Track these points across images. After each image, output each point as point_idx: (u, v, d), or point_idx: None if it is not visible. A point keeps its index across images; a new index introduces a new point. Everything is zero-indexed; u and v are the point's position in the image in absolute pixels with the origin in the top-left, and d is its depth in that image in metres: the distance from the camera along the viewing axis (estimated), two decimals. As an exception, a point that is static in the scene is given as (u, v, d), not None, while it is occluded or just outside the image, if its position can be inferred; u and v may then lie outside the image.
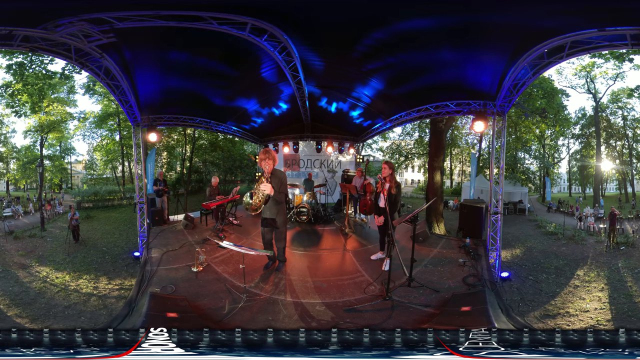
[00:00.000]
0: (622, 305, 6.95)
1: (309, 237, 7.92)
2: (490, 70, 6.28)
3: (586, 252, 10.97)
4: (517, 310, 6.19)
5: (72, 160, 24.21)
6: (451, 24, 5.12)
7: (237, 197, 8.46)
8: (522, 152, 22.45)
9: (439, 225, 13.73)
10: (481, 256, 6.66)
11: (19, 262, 9.36)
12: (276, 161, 5.18)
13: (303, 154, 14.09)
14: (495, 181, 7.50)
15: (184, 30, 5.10)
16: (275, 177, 5.06)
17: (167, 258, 6.35)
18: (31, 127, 20.36)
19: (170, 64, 6.59)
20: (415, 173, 30.18)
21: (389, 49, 6.07)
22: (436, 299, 4.77)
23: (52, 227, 13.95)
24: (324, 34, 5.68)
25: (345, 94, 8.98)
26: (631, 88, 20.19)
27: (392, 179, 5.46)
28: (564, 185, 28.78)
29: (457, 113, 8.03)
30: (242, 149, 25.29)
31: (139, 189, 8.41)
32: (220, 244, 4.85)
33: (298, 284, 5.13)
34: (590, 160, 23.42)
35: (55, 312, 6.49)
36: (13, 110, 18.90)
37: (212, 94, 8.55)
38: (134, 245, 9.21)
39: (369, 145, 26.88)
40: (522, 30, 5.02)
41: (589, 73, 20.54)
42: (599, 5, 4.39)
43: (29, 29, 4.84)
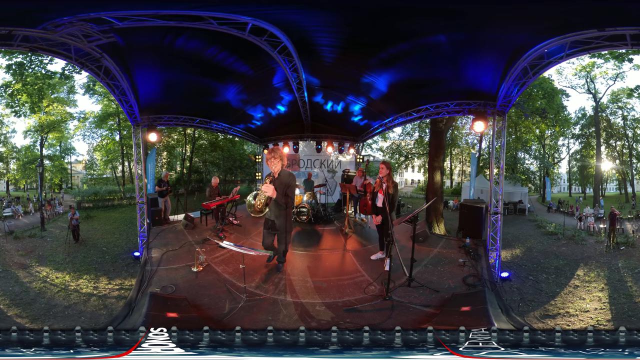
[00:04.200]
0: (622, 305, 6.95)
1: (309, 237, 7.91)
2: (490, 70, 6.28)
3: (586, 252, 10.98)
4: (517, 310, 6.19)
5: (72, 160, 24.26)
6: (450, 22, 5.12)
7: (237, 197, 8.45)
8: (522, 152, 22.47)
9: (439, 225, 13.74)
10: (481, 256, 6.66)
11: (19, 262, 9.36)
12: (284, 161, 4.92)
13: (303, 154, 14.08)
14: (495, 181, 7.50)
15: (185, 29, 5.11)
16: (281, 179, 4.85)
17: (167, 258, 6.35)
18: (31, 127, 20.38)
19: (170, 63, 6.59)
20: (415, 173, 30.21)
21: (388, 47, 6.05)
22: (436, 299, 4.77)
23: (52, 227, 13.96)
24: (323, 33, 5.67)
25: (345, 93, 8.97)
26: (631, 88, 20.21)
27: (389, 179, 5.47)
28: (564, 185, 28.79)
29: (457, 113, 8.03)
30: (242, 149, 25.31)
31: (139, 189, 8.42)
32: (220, 244, 4.85)
33: (298, 284, 5.13)
34: (590, 160, 23.43)
35: (55, 312, 6.49)
36: (13, 110, 18.92)
37: (213, 93, 8.54)
38: (134, 245, 9.21)
39: (369, 145, 26.95)
40: (522, 30, 5.03)
41: (589, 73, 20.55)
42: (599, 5, 4.39)
43: (29, 29, 4.84)
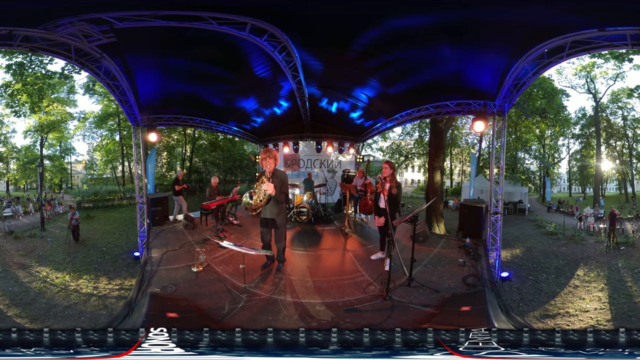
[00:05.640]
0: (622, 305, 6.95)
1: (309, 237, 7.91)
2: (490, 70, 6.28)
3: (586, 252, 10.98)
4: (517, 310, 6.19)
5: (72, 160, 24.28)
6: (450, 22, 5.09)
7: (237, 197, 8.46)
8: (522, 152, 22.47)
9: (439, 225, 13.73)
10: (481, 256, 6.66)
11: (19, 262, 9.36)
12: (277, 160, 5.19)
13: (303, 154, 14.08)
14: (495, 181, 7.50)
15: (184, 30, 5.11)
16: (276, 177, 5.06)
17: (167, 258, 6.34)
18: (31, 127, 20.39)
19: (170, 63, 6.59)
20: (415, 173, 30.23)
21: (388, 47, 6.05)
22: (436, 299, 4.77)
23: (52, 227, 13.96)
24: (323, 33, 5.67)
25: (345, 93, 8.97)
26: (631, 88, 20.23)
27: (392, 179, 5.42)
28: (564, 185, 28.81)
29: (457, 113, 8.03)
30: (242, 149, 25.32)
31: (139, 189, 8.41)
32: (220, 244, 4.85)
33: (298, 284, 5.13)
34: (590, 160, 23.44)
35: (55, 312, 6.49)
36: (12, 110, 18.93)
37: (212, 94, 8.55)
38: (134, 245, 9.21)
39: (369, 145, 26.99)
40: (522, 30, 5.02)
41: (589, 73, 20.57)
42: (599, 5, 4.39)
43: (29, 29, 4.84)
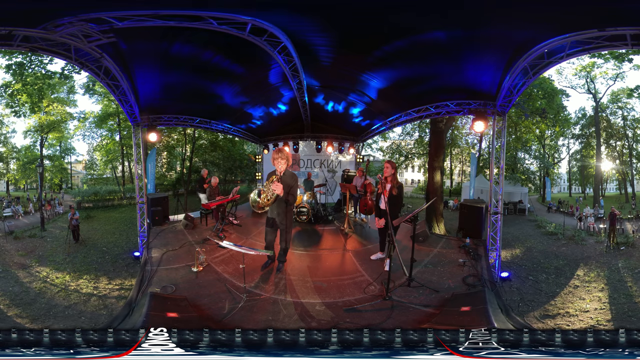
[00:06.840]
0: (622, 305, 6.95)
1: (309, 237, 7.91)
2: (490, 70, 6.28)
3: (586, 252, 10.98)
4: (517, 310, 6.19)
5: (72, 160, 24.27)
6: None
7: (237, 197, 8.45)
8: (522, 152, 22.47)
9: (439, 225, 13.73)
10: (481, 256, 6.66)
11: (19, 262, 9.36)
12: (290, 161, 5.08)
13: (303, 154, 14.09)
14: (495, 181, 7.50)
15: (184, 29, 5.10)
16: (286, 178, 5.00)
17: (167, 258, 6.34)
18: (31, 127, 20.38)
19: (170, 63, 6.59)
20: (415, 173, 30.22)
21: (387, 47, 6.06)
22: (436, 299, 4.77)
23: (52, 227, 13.96)
24: (322, 33, 5.67)
25: (345, 93, 8.97)
26: (631, 88, 20.23)
27: (393, 179, 5.39)
28: (564, 185, 28.81)
29: (457, 113, 8.03)
30: (242, 149, 25.31)
31: (139, 189, 8.41)
32: (220, 244, 4.85)
33: (298, 284, 5.13)
34: (590, 160, 23.44)
35: (55, 312, 6.50)
36: (13, 110, 18.92)
37: (212, 93, 8.54)
38: (134, 245, 9.22)
39: (369, 145, 26.99)
40: (522, 30, 5.03)
41: (589, 73, 20.57)
42: (599, 6, 4.39)
43: (29, 29, 4.84)
